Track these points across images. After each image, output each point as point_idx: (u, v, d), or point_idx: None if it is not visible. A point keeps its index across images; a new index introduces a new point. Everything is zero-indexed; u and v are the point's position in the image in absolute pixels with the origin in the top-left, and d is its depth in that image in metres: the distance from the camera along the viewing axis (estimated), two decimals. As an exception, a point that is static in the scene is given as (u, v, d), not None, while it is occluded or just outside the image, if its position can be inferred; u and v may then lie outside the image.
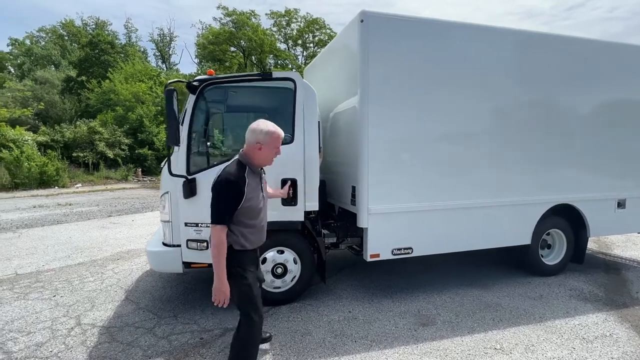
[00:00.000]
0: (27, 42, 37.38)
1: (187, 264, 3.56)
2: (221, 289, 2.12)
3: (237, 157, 2.29)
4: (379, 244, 3.82)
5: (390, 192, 3.77)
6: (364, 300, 3.95)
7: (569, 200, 4.50)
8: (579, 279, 4.60)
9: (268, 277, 3.70)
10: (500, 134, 4.13)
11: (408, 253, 3.92)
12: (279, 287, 3.77)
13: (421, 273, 4.73)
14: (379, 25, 3.61)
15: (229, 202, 2.12)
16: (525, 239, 4.40)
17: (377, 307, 3.78)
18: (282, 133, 2.32)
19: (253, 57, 32.34)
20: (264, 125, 2.26)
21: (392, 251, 3.87)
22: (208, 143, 4.04)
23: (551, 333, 3.26)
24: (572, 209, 4.56)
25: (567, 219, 4.64)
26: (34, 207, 10.43)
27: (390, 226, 3.83)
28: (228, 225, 2.15)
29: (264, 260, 3.68)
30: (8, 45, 37.28)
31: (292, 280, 3.79)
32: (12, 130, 16.18)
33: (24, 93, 21.42)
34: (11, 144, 15.11)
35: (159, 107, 22.55)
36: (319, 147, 3.74)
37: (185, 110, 3.57)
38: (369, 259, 3.79)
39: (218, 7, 32.22)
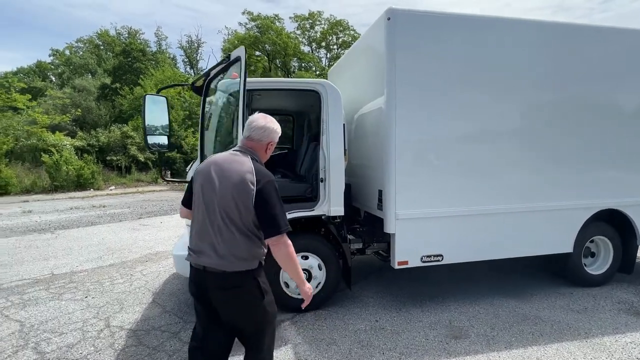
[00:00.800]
0: (67, 52, 39.57)
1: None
2: (310, 288, 2.00)
3: (248, 155, 1.92)
4: (408, 251, 3.66)
5: (419, 196, 3.60)
6: (391, 308, 3.79)
7: (616, 205, 4.15)
8: (628, 290, 4.23)
9: (292, 283, 3.62)
10: (539, 135, 3.87)
11: (438, 260, 3.73)
12: (304, 294, 3.67)
13: (453, 281, 4.51)
14: (406, 22, 3.46)
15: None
16: (567, 247, 4.09)
17: (405, 316, 3.61)
18: None
19: (277, 61, 32.68)
20: (272, 122, 2.01)
21: (422, 258, 3.69)
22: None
23: (599, 351, 2.98)
24: (619, 214, 4.20)
25: (614, 226, 4.28)
26: (71, 208, 10.93)
27: (419, 232, 3.66)
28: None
29: (289, 266, 3.60)
30: (50, 56, 39.60)
31: (316, 287, 3.70)
32: (53, 135, 17.12)
33: (63, 100, 22.62)
34: (52, 149, 15.97)
35: (187, 112, 23.20)
36: (344, 150, 3.63)
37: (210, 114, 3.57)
38: (396, 266, 3.63)
39: (243, 13, 32.77)
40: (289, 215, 3.56)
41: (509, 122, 3.80)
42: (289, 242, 1.84)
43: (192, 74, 35.98)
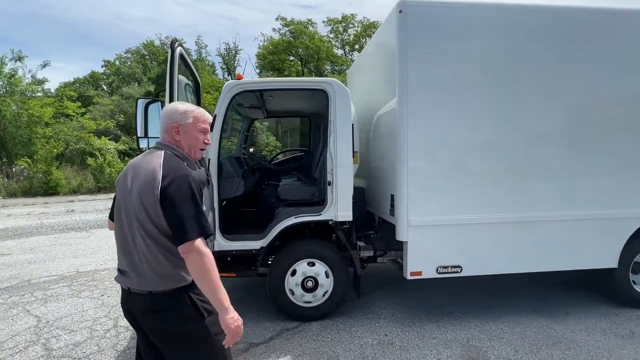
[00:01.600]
0: (117, 62, 42.47)
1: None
2: (233, 319, 1.46)
3: (162, 149, 1.61)
4: (422, 261, 3.38)
5: (434, 202, 3.33)
6: (403, 322, 3.52)
7: (672, 215, 3.60)
8: (687, 314, 3.64)
9: (298, 291, 3.47)
10: (578, 135, 3.45)
11: (456, 272, 3.42)
12: (310, 302, 3.51)
13: (474, 294, 4.14)
14: (420, 15, 3.22)
15: (200, 206, 1.50)
16: (611, 261, 3.60)
17: (418, 331, 3.33)
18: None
19: (311, 65, 32.90)
20: (172, 105, 1.70)
21: (437, 269, 3.39)
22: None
23: (645, 386, 2.54)
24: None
25: (670, 239, 3.72)
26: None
27: (434, 241, 3.37)
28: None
29: (294, 272, 3.46)
30: (102, 67, 42.68)
31: (323, 295, 3.52)
32: (99, 140, 18.29)
33: (110, 107, 24.19)
34: (97, 152, 17.05)
35: (238, 118, 23.93)
36: (353, 151, 3.44)
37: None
38: (409, 277, 3.37)
39: (277, 19, 33.32)
40: (297, 220, 3.44)
41: (546, 122, 3.41)
42: (205, 250, 1.43)
43: (230, 79, 37.12)
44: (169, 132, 1.63)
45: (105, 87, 41.02)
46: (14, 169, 16.10)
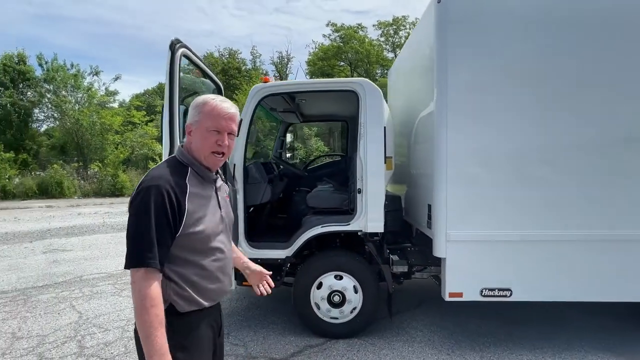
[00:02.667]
0: (181, 74, 45.87)
1: (240, 281, 3.39)
2: None
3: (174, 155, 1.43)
4: (463, 281, 2.98)
5: (480, 214, 2.92)
6: (442, 348, 3.13)
7: None
8: None
9: (324, 305, 3.25)
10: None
11: (505, 296, 2.96)
12: (336, 318, 3.27)
13: (530, 322, 3.59)
14: (463, 3, 2.87)
15: (157, 226, 1.20)
16: None
17: (457, 362, 2.94)
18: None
19: (360, 69, 32.65)
20: (194, 102, 1.38)
21: (482, 292, 2.97)
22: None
23: None
24: None
25: None
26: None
27: (479, 259, 2.96)
28: (160, 268, 1.21)
29: (320, 285, 3.25)
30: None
31: (351, 312, 3.25)
32: (160, 146, 19.75)
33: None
34: (157, 158, 18.39)
35: (274, 123, 24.62)
36: (385, 156, 3.15)
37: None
38: (447, 298, 2.99)
39: (327, 25, 33.68)
40: (324, 229, 3.24)
41: (617, 126, 2.85)
42: (140, 286, 1.16)
43: (280, 87, 38.12)
44: (186, 133, 1.39)
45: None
46: (88, 172, 17.91)
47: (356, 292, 3.24)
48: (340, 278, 3.25)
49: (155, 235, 1.19)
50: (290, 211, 4.04)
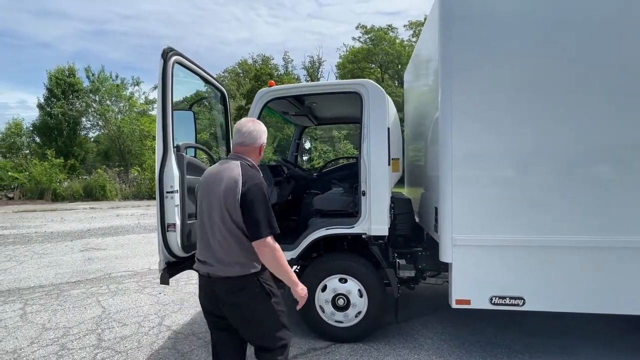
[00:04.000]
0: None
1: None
2: (302, 289, 1.99)
3: (238, 160, 1.95)
4: (470, 287, 2.85)
5: (486, 217, 2.78)
6: (449, 358, 3.00)
7: None
8: None
9: (328, 308, 3.22)
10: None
11: (517, 305, 2.79)
12: (341, 322, 3.23)
13: (551, 333, 3.35)
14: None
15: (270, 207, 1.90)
16: None
17: (465, 372, 2.80)
18: None
19: (390, 71, 32.27)
20: (259, 124, 2.08)
21: (491, 299, 2.82)
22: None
23: None
24: None
25: None
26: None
27: (487, 264, 2.82)
28: None
29: (324, 288, 3.24)
30: (204, 86, 48.51)
31: (356, 316, 3.21)
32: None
33: (205, 122, 27.14)
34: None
35: (289, 132, 24.92)
36: (389, 158, 3.09)
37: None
38: (454, 305, 2.87)
39: (357, 27, 33.59)
40: (328, 231, 3.23)
41: (636, 128, 2.62)
42: (275, 245, 1.83)
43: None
44: (255, 149, 2.02)
45: (207, 103, 46.45)
46: (128, 176, 19.04)
47: (361, 296, 3.19)
48: (345, 281, 3.22)
49: (272, 213, 1.84)
50: (300, 214, 4.05)
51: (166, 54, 2.46)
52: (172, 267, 2.62)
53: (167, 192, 2.39)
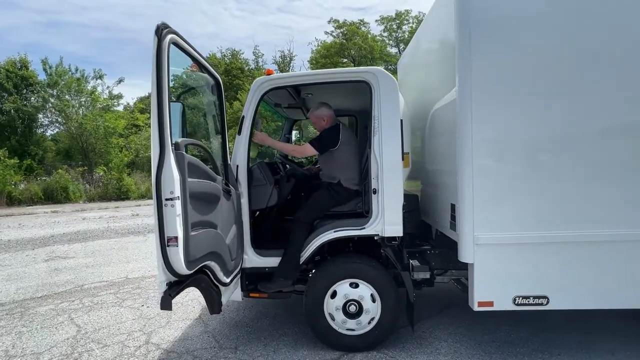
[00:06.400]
0: (184, 76, 45.90)
1: (246, 293, 3.14)
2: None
3: None
4: (493, 288, 2.70)
5: (513, 212, 2.62)
6: (470, 362, 2.85)
7: None
8: None
9: (339, 316, 2.97)
10: None
11: (541, 304, 2.66)
12: (353, 330, 2.99)
13: (569, 326, 3.28)
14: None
15: None
16: None
17: (489, 378, 2.65)
18: None
19: (364, 65, 32.28)
20: None
21: (515, 300, 2.68)
22: None
23: None
24: None
25: None
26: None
27: (511, 263, 2.67)
28: None
29: (334, 294, 2.98)
30: (171, 81, 46.60)
31: (369, 323, 2.98)
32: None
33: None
34: (160, 160, 18.24)
35: (279, 123, 24.37)
36: (402, 152, 2.87)
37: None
38: (476, 308, 2.70)
39: (329, 21, 33.32)
40: (336, 234, 2.98)
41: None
42: None
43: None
44: None
45: (174, 99, 44.64)
46: (93, 176, 17.82)
47: (374, 301, 2.96)
48: (356, 286, 2.97)
49: None
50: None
51: (161, 31, 2.07)
52: (173, 288, 2.22)
53: (167, 199, 2.01)
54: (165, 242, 2.00)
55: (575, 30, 2.54)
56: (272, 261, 3.10)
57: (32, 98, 19.38)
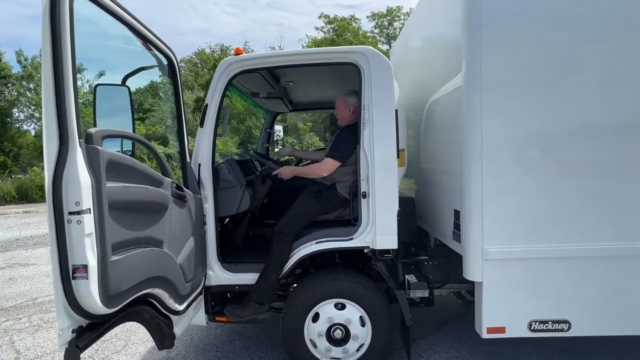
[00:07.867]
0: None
1: (211, 316, 2.64)
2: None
3: None
4: (505, 312, 2.26)
5: (530, 222, 2.20)
6: (477, 397, 2.41)
7: None
8: None
9: (322, 343, 2.50)
10: None
11: (562, 330, 2.25)
12: (338, 359, 2.53)
13: (580, 347, 2.87)
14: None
15: None
16: None
17: (500, 419, 2.21)
18: None
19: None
20: None
21: (530, 325, 2.25)
22: None
23: None
24: None
25: None
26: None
27: (527, 282, 2.24)
28: None
29: (316, 317, 2.51)
30: (160, 77, 45.49)
31: (357, 351, 2.52)
32: (156, 143, 18.84)
33: (161, 114, 25.14)
34: (144, 157, 17.50)
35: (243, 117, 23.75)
36: (397, 148, 2.40)
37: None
38: (484, 335, 2.27)
39: (319, 17, 32.74)
40: (318, 246, 2.51)
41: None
42: None
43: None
44: None
45: (162, 95, 43.52)
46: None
47: (363, 324, 2.50)
48: (343, 307, 2.51)
49: None
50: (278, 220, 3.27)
51: None
52: (85, 335, 1.67)
53: (70, 214, 1.48)
54: (69, 274, 1.48)
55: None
56: (245, 277, 2.60)
57: (6, 92, 18.39)
